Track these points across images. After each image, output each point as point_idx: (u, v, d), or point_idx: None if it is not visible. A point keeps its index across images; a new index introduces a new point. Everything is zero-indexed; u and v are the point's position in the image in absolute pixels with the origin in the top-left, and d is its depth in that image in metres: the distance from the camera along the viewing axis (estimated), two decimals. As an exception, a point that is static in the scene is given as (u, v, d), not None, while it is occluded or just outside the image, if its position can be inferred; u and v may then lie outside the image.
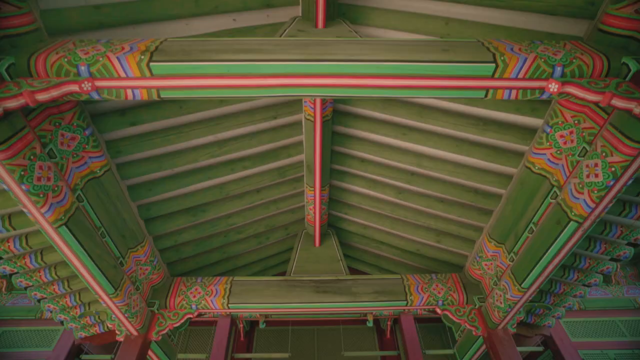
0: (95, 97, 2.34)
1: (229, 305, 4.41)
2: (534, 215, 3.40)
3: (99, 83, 2.28)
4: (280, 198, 5.06)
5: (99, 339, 5.46)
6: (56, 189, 2.71)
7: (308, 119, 3.87)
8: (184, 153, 3.86)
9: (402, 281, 4.64)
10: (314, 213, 4.90)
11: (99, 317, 5.02)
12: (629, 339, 7.70)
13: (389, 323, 9.17)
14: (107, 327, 5.17)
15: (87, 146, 3.01)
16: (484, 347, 4.74)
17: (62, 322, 5.20)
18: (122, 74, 2.28)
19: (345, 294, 4.46)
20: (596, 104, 2.46)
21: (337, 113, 4.12)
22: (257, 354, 8.73)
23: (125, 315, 3.87)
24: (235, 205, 4.68)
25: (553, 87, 2.29)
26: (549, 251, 3.20)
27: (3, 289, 8.43)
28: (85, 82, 2.23)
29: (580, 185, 2.77)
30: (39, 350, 7.37)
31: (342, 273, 4.81)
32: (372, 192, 4.81)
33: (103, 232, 3.42)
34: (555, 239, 3.09)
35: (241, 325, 9.13)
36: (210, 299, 4.44)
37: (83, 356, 7.49)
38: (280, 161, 4.54)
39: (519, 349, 7.80)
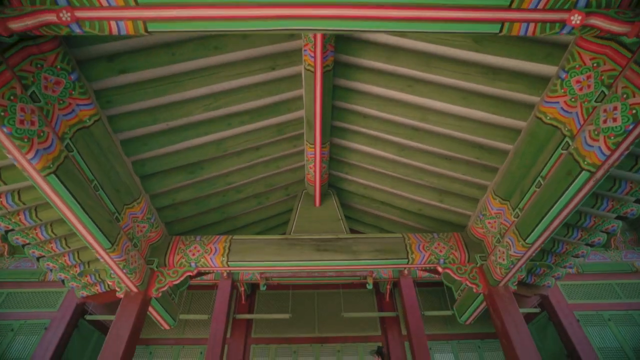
0: (77, 30, 2.15)
1: (229, 263, 4.38)
2: (542, 168, 3.28)
3: (79, 13, 2.08)
4: (280, 157, 4.92)
5: (101, 298, 5.50)
6: (42, 134, 2.57)
7: (308, 70, 3.66)
8: (178, 105, 3.68)
9: (404, 240, 4.59)
10: (314, 172, 4.78)
11: (99, 275, 5.02)
12: (624, 301, 7.82)
13: (388, 287, 9.32)
14: (108, 285, 5.19)
15: (73, 92, 2.84)
16: (483, 304, 4.76)
17: (63, 281, 5.21)
18: (105, 3, 2.08)
19: (346, 252, 4.42)
20: (620, 41, 2.28)
21: (338, 65, 3.91)
22: (258, 314, 8.91)
23: (124, 271, 3.84)
24: (233, 163, 4.55)
25: (576, 19, 2.10)
26: (557, 204, 3.11)
27: (5, 253, 8.48)
28: (64, 11, 2.04)
29: (596, 132, 2.63)
30: (44, 310, 7.51)
31: (342, 232, 4.76)
32: (373, 150, 4.66)
33: (96, 185, 3.32)
34: (565, 191, 2.98)
35: (242, 289, 9.27)
36: (210, 257, 4.41)
37: (87, 316, 7.65)
38: (279, 117, 4.37)
39: (516, 310, 7.99)
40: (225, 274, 7.42)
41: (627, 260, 8.46)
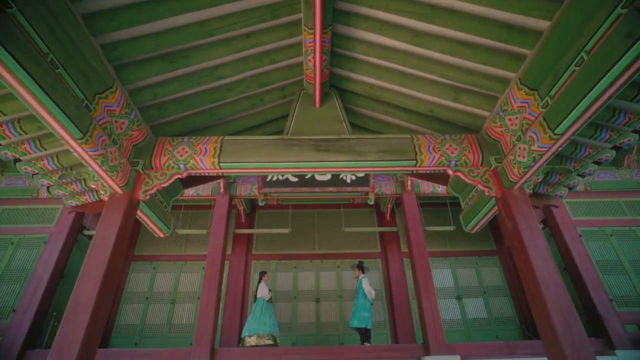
0: None
1: (220, 164, 4.01)
2: (588, 41, 2.71)
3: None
4: (274, 48, 4.29)
5: (91, 207, 5.27)
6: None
7: None
8: (147, -33, 3.00)
9: (412, 141, 4.17)
10: (314, 65, 4.19)
11: (85, 183, 4.71)
12: (629, 217, 7.71)
13: (389, 206, 9.19)
14: (97, 194, 4.91)
15: None
16: (492, 211, 4.51)
17: (48, 189, 4.93)
18: None
19: (349, 152, 4.03)
20: None
21: None
22: (257, 229, 8.89)
23: (103, 168, 3.47)
24: (221, 51, 3.94)
25: None
26: (603, 80, 2.61)
27: (-6, 171, 8.19)
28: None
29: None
30: (41, 225, 7.43)
31: (345, 134, 4.32)
32: (382, 38, 4.03)
33: (54, 60, 2.78)
34: (617, 61, 2.47)
35: (241, 207, 9.17)
36: (199, 157, 4.03)
37: (86, 232, 7.60)
38: (271, -8, 3.68)
39: (519, 226, 7.92)
40: (222, 189, 7.18)
41: (638, 179, 8.21)
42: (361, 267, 7.28)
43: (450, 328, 7.96)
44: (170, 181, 4.05)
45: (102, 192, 3.94)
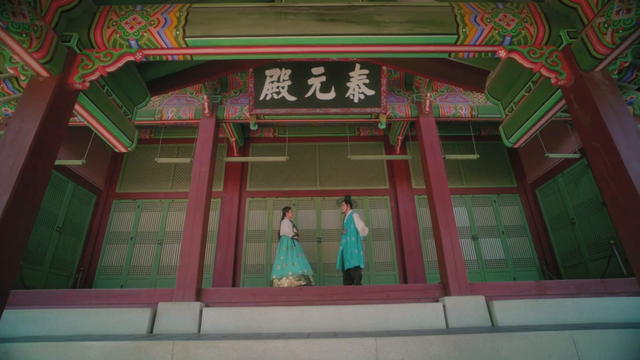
0: None
1: (186, 39, 2.87)
2: None
3: None
4: None
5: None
6: None
7: None
8: None
9: (452, 9, 2.99)
10: None
11: None
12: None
13: (400, 137, 8.11)
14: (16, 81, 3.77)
15: None
16: (550, 114, 3.43)
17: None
18: None
19: (364, 23, 2.87)
20: None
21: None
22: (251, 157, 7.86)
23: (9, 34, 2.35)
24: None
25: None
26: None
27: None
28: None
29: None
30: None
31: (357, 0, 3.13)
32: None
33: None
34: None
35: (233, 139, 8.11)
36: (157, 30, 2.87)
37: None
38: None
39: (551, 155, 6.89)
40: (206, 109, 6.06)
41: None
42: (349, 202, 6.49)
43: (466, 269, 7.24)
44: (119, 64, 2.93)
45: (22, 77, 2.83)
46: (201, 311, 4.51)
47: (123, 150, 4.01)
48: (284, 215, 6.44)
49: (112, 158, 8.39)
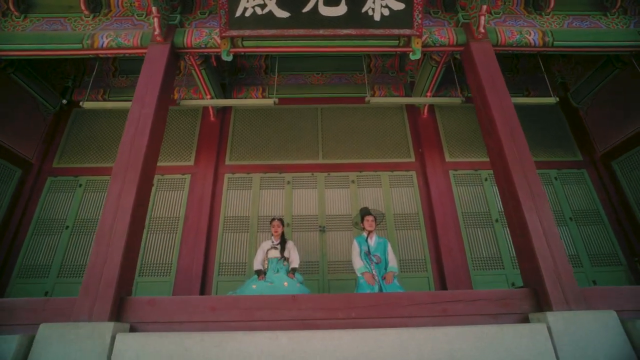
0: None
1: None
2: None
3: None
4: None
5: None
6: None
7: None
8: None
9: None
10: None
11: None
12: None
13: (428, 93, 6.08)
14: None
15: None
16: None
17: None
18: None
19: None
20: None
21: None
22: (216, 99, 5.72)
23: None
24: None
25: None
26: None
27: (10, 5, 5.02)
28: None
29: None
30: None
31: None
32: None
33: None
34: None
35: (208, 97, 6.12)
36: None
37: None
38: None
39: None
40: (157, 31, 4.07)
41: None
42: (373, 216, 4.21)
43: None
44: None
45: None
46: (113, 340, 2.50)
47: None
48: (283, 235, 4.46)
49: (52, 124, 6.36)
